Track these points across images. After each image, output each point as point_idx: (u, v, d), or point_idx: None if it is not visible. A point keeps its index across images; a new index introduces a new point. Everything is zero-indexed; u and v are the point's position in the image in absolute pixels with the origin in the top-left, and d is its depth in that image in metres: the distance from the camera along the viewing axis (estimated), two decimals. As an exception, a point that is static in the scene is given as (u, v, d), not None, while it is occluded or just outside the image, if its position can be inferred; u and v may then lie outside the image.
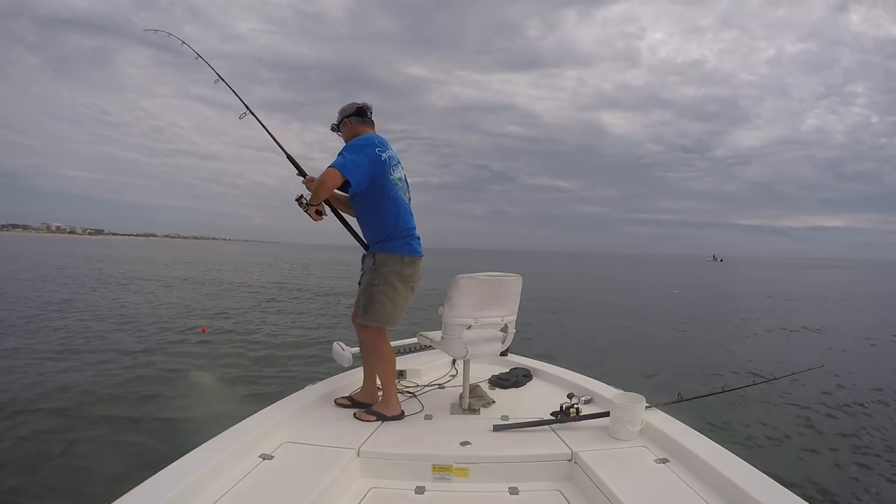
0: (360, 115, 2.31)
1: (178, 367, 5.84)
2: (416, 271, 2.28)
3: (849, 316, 13.34)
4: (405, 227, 2.24)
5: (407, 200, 2.30)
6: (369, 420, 2.18)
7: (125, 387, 5.01)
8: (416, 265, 2.28)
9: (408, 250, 2.23)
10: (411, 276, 2.26)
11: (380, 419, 2.19)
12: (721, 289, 22.77)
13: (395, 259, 2.20)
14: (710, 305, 15.13)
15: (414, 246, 2.26)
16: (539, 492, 1.82)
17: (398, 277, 2.21)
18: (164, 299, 12.23)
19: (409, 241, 2.25)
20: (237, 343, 7.43)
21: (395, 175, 2.22)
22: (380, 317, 2.22)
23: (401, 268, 2.21)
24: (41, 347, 6.61)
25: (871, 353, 7.93)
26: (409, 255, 2.23)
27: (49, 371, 5.48)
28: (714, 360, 7.29)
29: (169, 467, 1.57)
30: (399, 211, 2.23)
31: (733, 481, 1.54)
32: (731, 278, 31.69)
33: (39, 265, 22.72)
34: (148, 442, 3.67)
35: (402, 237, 2.23)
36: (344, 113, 2.32)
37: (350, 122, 2.31)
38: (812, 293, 20.31)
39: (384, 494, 1.80)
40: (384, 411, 2.23)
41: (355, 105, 2.31)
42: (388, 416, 2.21)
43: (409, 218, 2.28)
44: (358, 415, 2.22)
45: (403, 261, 2.21)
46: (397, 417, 2.23)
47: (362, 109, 2.31)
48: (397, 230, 2.22)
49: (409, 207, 2.29)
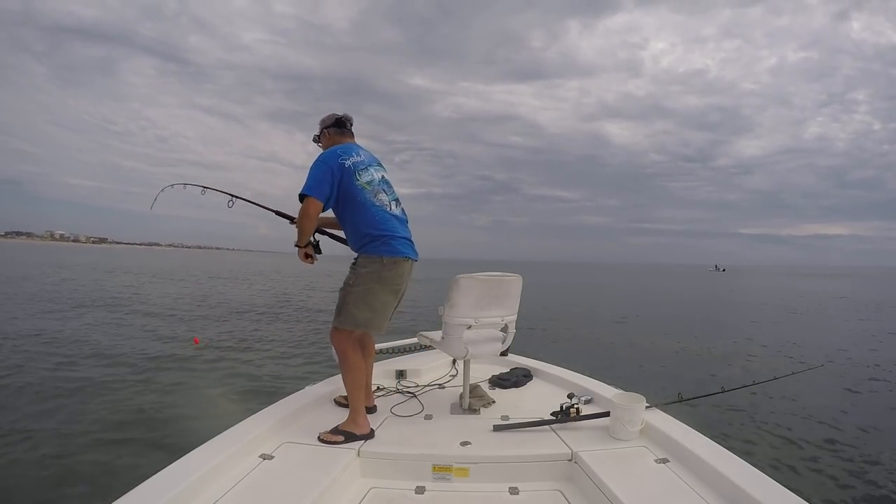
0: (339, 126, 2.32)
1: (178, 368, 5.84)
2: (398, 273, 2.16)
3: (849, 323, 13.33)
4: (382, 227, 2.13)
5: (385, 203, 2.19)
6: (336, 441, 1.98)
7: (125, 387, 5.01)
8: (399, 266, 2.16)
9: (388, 251, 2.12)
10: (393, 278, 2.14)
11: (347, 439, 2.00)
12: (722, 299, 22.71)
13: (373, 260, 2.11)
14: (710, 315, 15.10)
15: (395, 246, 2.14)
16: (539, 492, 1.82)
17: (376, 279, 2.11)
18: (164, 304, 12.23)
19: (390, 241, 2.13)
20: (237, 344, 7.43)
21: (363, 179, 2.14)
22: (350, 319, 2.10)
23: (380, 269, 2.11)
24: (39, 350, 6.61)
25: (871, 354, 7.93)
26: (389, 255, 2.12)
27: (49, 371, 5.48)
28: (714, 360, 7.29)
29: (169, 467, 1.57)
30: (370, 213, 2.13)
31: (733, 481, 1.54)
32: (733, 288, 31.62)
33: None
34: (148, 442, 3.67)
35: (380, 238, 2.12)
36: (323, 124, 2.33)
37: (328, 133, 2.31)
38: (812, 302, 20.28)
39: (384, 494, 1.80)
40: (352, 430, 2.03)
41: (334, 116, 2.32)
42: (357, 436, 2.01)
43: (388, 219, 2.17)
44: (322, 436, 2.01)
45: (383, 261, 2.11)
46: (367, 437, 2.03)
47: (341, 120, 2.32)
48: (374, 232, 2.12)
49: (385, 209, 2.17)
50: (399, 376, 2.94)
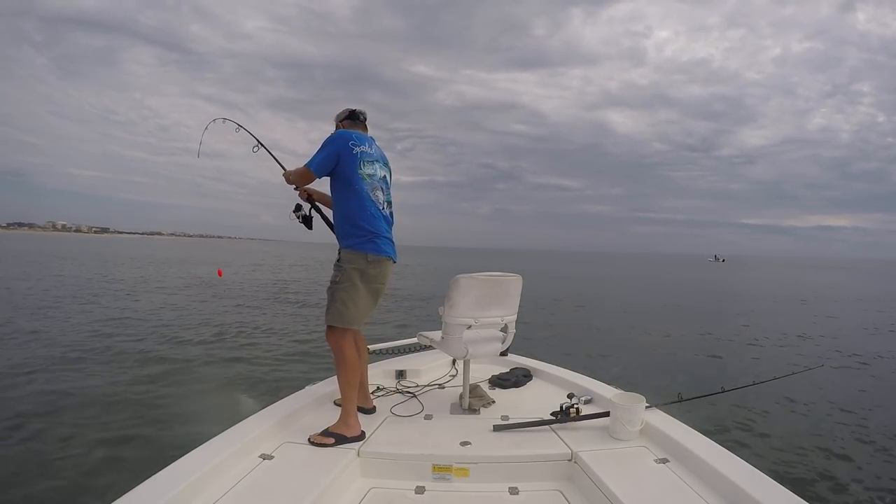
0: (353, 118, 2.41)
1: (177, 368, 5.84)
2: (381, 272, 2.19)
3: (849, 317, 13.34)
4: (371, 224, 2.16)
5: (380, 201, 2.21)
6: (326, 443, 1.98)
7: (125, 388, 5.02)
8: (383, 266, 2.19)
9: (373, 248, 2.14)
10: (376, 277, 2.17)
11: (338, 442, 1.99)
12: (720, 291, 22.75)
13: (358, 256, 2.14)
14: (708, 308, 15.10)
15: (380, 245, 2.17)
16: (539, 492, 1.82)
17: (360, 276, 2.13)
18: (166, 301, 12.23)
19: (375, 239, 2.16)
20: (237, 344, 7.43)
21: (366, 170, 2.17)
22: (339, 317, 2.12)
23: (365, 266, 2.13)
24: (42, 344, 6.62)
25: (871, 354, 7.93)
26: (374, 253, 2.15)
27: (47, 371, 5.48)
28: (714, 360, 7.29)
29: (169, 467, 1.57)
30: (364, 206, 2.15)
31: (733, 481, 1.54)
32: (731, 280, 31.65)
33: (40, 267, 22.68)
34: (148, 442, 3.68)
35: (367, 234, 2.14)
36: (338, 118, 2.43)
37: (343, 126, 2.38)
38: (812, 296, 20.31)
39: (384, 494, 1.80)
40: (343, 432, 2.02)
41: (348, 109, 2.41)
42: (348, 438, 2.01)
43: (379, 217, 2.19)
44: (313, 438, 2.01)
45: (368, 259, 2.14)
46: (357, 439, 2.03)
47: (354, 113, 2.40)
48: (362, 226, 2.15)
49: (379, 208, 2.20)
50: (399, 376, 2.94)
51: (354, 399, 2.13)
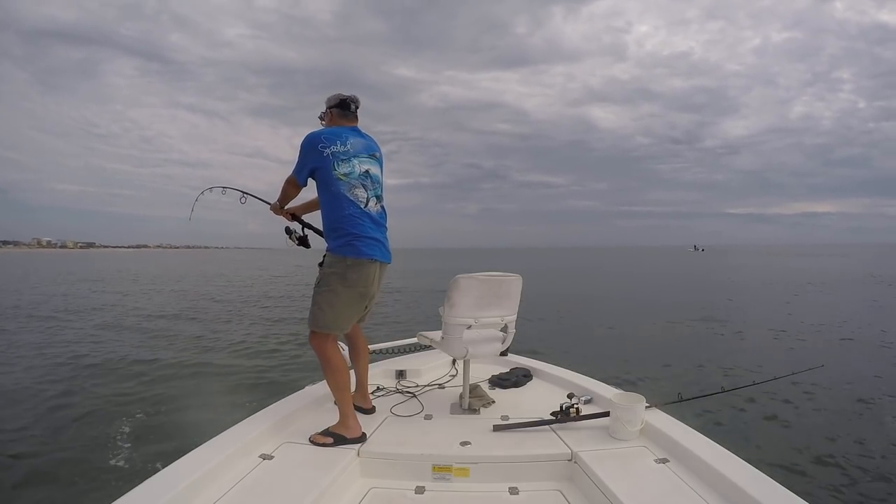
0: (342, 108, 2.26)
1: (177, 369, 5.84)
2: (364, 275, 2.09)
3: (844, 312, 13.32)
4: (350, 226, 2.07)
5: (361, 199, 2.10)
6: (325, 443, 1.97)
7: (125, 388, 5.02)
8: (364, 268, 2.09)
9: (351, 252, 2.06)
10: (357, 281, 2.08)
11: (337, 442, 1.98)
12: (693, 281, 22.94)
13: (338, 260, 2.07)
14: (685, 300, 15.04)
15: (358, 247, 2.06)
16: (539, 492, 1.82)
17: (339, 280, 2.06)
18: (167, 301, 12.23)
19: (354, 241, 2.06)
20: (236, 344, 7.43)
21: (340, 170, 2.07)
22: (318, 321, 2.08)
23: (343, 270, 2.06)
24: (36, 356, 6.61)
25: (870, 353, 7.92)
26: (353, 256, 2.06)
27: (46, 371, 5.48)
28: (714, 360, 7.28)
29: (169, 467, 1.57)
30: (342, 208, 2.07)
31: (733, 481, 1.54)
32: (709, 269, 31.89)
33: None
34: (148, 442, 3.68)
35: (346, 237, 2.07)
36: (328, 103, 2.29)
37: (332, 114, 2.27)
38: (796, 280, 20.45)
39: (384, 494, 1.80)
40: (342, 433, 2.01)
41: (339, 97, 2.27)
42: (348, 439, 1.99)
43: (359, 216, 2.09)
44: (313, 437, 2.01)
45: (347, 262, 2.06)
46: (358, 440, 2.01)
47: (345, 101, 2.25)
48: (343, 228, 2.08)
49: (359, 205, 2.09)
50: (399, 376, 2.94)
51: (348, 401, 2.10)
